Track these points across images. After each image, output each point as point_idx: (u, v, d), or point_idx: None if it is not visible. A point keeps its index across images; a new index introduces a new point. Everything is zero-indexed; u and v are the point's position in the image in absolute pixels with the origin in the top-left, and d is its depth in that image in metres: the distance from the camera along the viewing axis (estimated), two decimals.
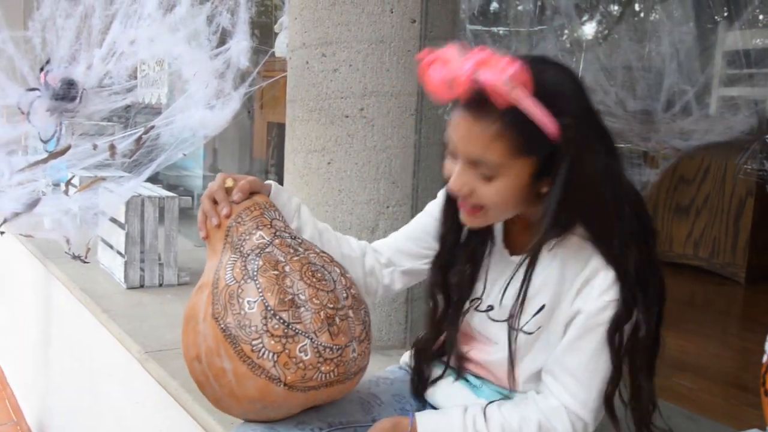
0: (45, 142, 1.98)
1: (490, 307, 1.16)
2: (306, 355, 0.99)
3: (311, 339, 1.00)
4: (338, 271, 1.12)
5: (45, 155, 1.96)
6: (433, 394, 1.23)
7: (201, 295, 1.06)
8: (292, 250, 1.08)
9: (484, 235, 1.17)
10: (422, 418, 1.08)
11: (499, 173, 1.00)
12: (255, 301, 1.00)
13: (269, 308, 0.99)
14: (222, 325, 1.00)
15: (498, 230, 1.19)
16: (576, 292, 1.05)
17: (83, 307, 2.57)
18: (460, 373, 1.21)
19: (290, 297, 1.02)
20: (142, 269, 2.69)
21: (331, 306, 1.05)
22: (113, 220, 2.75)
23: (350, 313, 1.07)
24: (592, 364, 1.04)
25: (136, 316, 2.34)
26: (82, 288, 2.63)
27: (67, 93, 1.89)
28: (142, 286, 2.69)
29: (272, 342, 0.98)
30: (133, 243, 2.65)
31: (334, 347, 1.02)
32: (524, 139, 0.98)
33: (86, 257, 2.29)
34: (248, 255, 1.05)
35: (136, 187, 2.37)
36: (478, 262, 1.18)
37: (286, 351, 0.98)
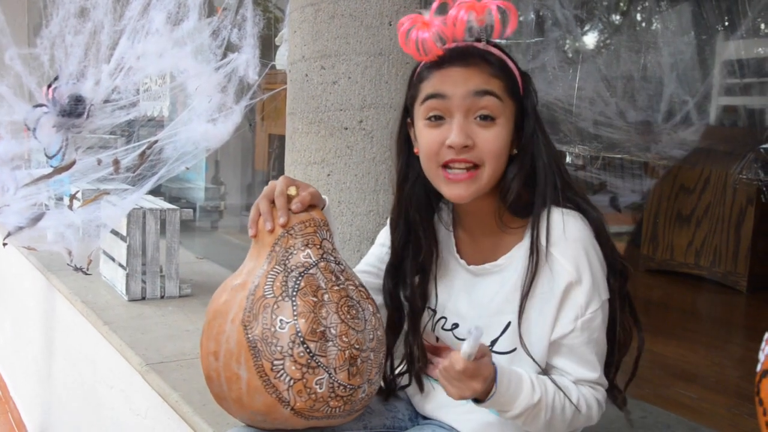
0: (50, 157, 2.00)
1: (455, 325, 1.17)
2: (321, 389, 1.00)
3: (330, 374, 1.01)
4: (371, 309, 1.11)
5: (49, 170, 1.97)
6: (423, 404, 1.24)
7: (234, 297, 1.05)
8: (334, 278, 1.07)
9: (429, 244, 1.18)
10: (501, 370, 1.05)
11: (499, 113, 1.04)
12: (288, 323, 1.00)
13: (300, 334, 1.00)
14: (249, 335, 1.00)
15: (450, 241, 1.20)
16: (556, 312, 1.06)
17: (85, 319, 2.57)
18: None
19: (322, 329, 1.01)
20: (143, 281, 2.70)
21: (357, 347, 1.04)
22: (115, 233, 2.76)
23: (371, 356, 1.07)
24: (598, 347, 1.09)
25: (137, 328, 2.34)
26: (84, 300, 2.63)
27: (74, 109, 1.91)
28: (143, 298, 2.70)
29: (293, 368, 0.99)
30: (134, 255, 2.66)
31: (348, 386, 1.03)
32: (508, 81, 1.06)
33: (88, 269, 2.30)
34: (291, 271, 1.04)
35: (138, 200, 2.38)
36: (426, 273, 1.19)
37: (304, 380, 0.99)
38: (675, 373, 2.44)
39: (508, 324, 1.09)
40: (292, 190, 1.09)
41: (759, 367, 0.85)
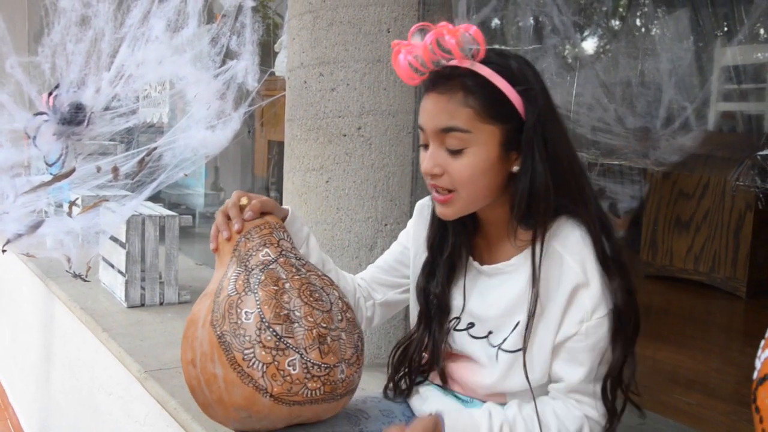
0: (50, 165, 2.00)
1: (471, 324, 1.18)
2: (294, 370, 1.02)
3: (301, 354, 1.03)
4: (336, 294, 1.15)
5: (49, 177, 1.98)
6: (421, 407, 1.24)
7: (203, 303, 1.09)
8: (294, 270, 1.12)
9: (460, 244, 1.19)
10: (450, 418, 1.08)
11: (468, 143, 1.04)
12: (252, 313, 1.03)
13: (264, 320, 1.03)
14: (218, 332, 1.03)
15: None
16: (562, 313, 1.06)
17: (84, 326, 2.57)
18: (446, 388, 1.22)
19: (286, 312, 1.05)
20: (142, 288, 2.70)
21: (324, 326, 1.07)
22: (114, 240, 2.76)
23: (342, 335, 1.10)
24: (599, 371, 1.07)
25: (136, 335, 2.34)
26: (83, 307, 2.64)
27: (74, 117, 1.91)
28: (142, 305, 2.70)
29: (263, 353, 1.01)
30: (133, 262, 2.66)
31: (323, 365, 1.04)
32: (488, 105, 1.04)
33: (87, 276, 2.30)
34: (252, 269, 1.09)
35: (137, 206, 2.38)
36: (454, 274, 1.21)
37: (276, 363, 1.01)
38: (673, 380, 2.44)
39: (517, 324, 1.10)
40: (244, 200, 1.16)
41: (755, 375, 0.85)
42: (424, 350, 1.23)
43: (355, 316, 1.17)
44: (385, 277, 1.34)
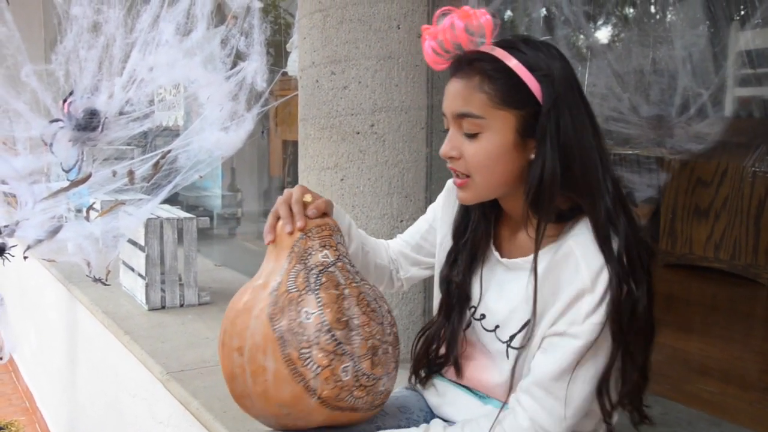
0: (67, 171, 2.02)
1: (483, 316, 1.17)
2: (346, 376, 1.03)
3: (354, 362, 1.04)
4: (386, 307, 1.16)
5: (67, 183, 2.00)
6: (438, 404, 1.24)
7: (258, 294, 1.08)
8: (350, 276, 1.12)
9: (482, 233, 1.19)
10: None
11: (482, 128, 1.05)
12: (313, 313, 1.04)
13: (325, 323, 1.03)
14: (275, 326, 1.03)
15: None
16: (560, 313, 1.03)
17: (106, 329, 2.60)
18: (462, 384, 1.22)
19: (346, 319, 1.05)
20: (162, 290, 2.73)
21: (378, 338, 1.09)
22: (133, 243, 2.79)
23: (390, 349, 1.11)
24: (577, 374, 1.02)
25: (157, 337, 2.37)
26: (104, 311, 2.67)
27: (89, 123, 1.94)
28: (163, 307, 2.73)
29: (320, 355, 1.01)
30: (153, 265, 2.69)
31: (371, 376, 1.06)
32: (504, 90, 1.03)
33: (106, 280, 2.33)
34: (312, 269, 1.09)
35: (154, 208, 2.41)
36: (475, 263, 1.20)
37: (331, 366, 1.02)
38: (695, 368, 2.42)
39: (527, 322, 1.09)
40: (308, 197, 1.15)
41: None
42: (443, 338, 1.22)
43: (397, 330, 1.17)
44: (410, 253, 1.37)
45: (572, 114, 1.04)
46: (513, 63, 1.03)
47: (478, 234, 1.19)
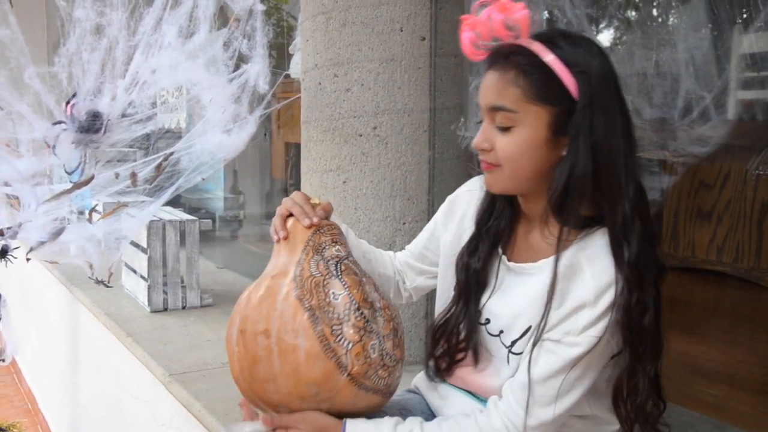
0: (70, 173, 2.02)
1: (488, 320, 1.17)
2: (374, 353, 1.07)
3: (380, 341, 1.08)
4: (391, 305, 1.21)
5: (69, 185, 2.00)
6: (440, 406, 1.24)
7: (280, 281, 1.11)
8: (362, 270, 1.18)
9: (509, 220, 1.18)
10: (352, 425, 1.09)
11: (515, 122, 1.04)
12: (340, 294, 1.08)
13: (354, 302, 1.07)
14: (306, 305, 1.06)
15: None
16: (558, 320, 1.03)
17: (108, 331, 2.60)
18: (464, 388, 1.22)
19: (370, 300, 1.10)
20: (165, 292, 2.73)
21: (397, 321, 1.15)
22: (136, 245, 2.79)
23: (403, 337, 1.17)
24: (565, 382, 1.03)
25: (160, 339, 2.37)
26: (107, 313, 2.67)
27: (92, 125, 1.93)
28: (165, 309, 2.73)
29: (351, 331, 1.05)
30: (155, 267, 2.69)
31: (393, 356, 1.10)
32: (538, 85, 1.02)
33: (109, 282, 2.33)
34: (330, 259, 1.13)
35: (156, 211, 2.40)
36: (494, 251, 1.19)
37: (362, 342, 1.06)
38: (698, 371, 2.41)
39: (528, 328, 1.08)
40: (316, 199, 1.21)
41: None
42: (462, 325, 1.20)
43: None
44: (414, 263, 1.38)
45: (606, 113, 1.02)
46: (549, 58, 1.02)
47: (502, 222, 1.19)
